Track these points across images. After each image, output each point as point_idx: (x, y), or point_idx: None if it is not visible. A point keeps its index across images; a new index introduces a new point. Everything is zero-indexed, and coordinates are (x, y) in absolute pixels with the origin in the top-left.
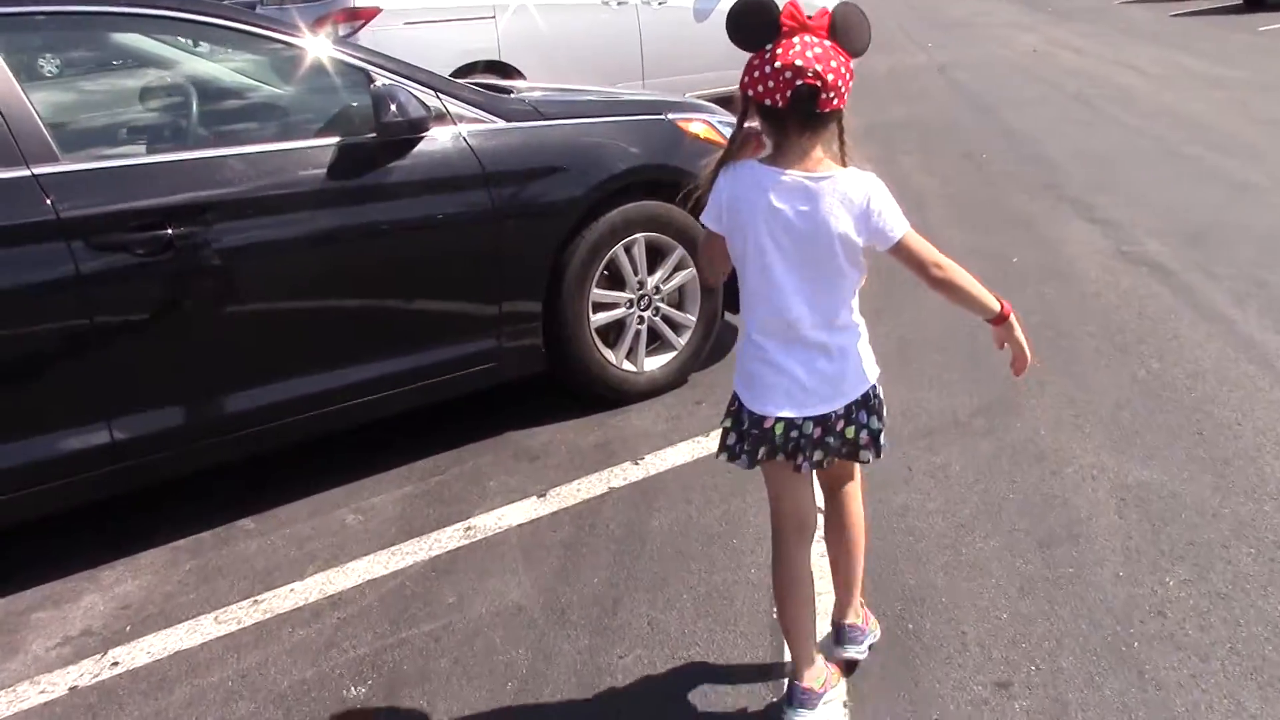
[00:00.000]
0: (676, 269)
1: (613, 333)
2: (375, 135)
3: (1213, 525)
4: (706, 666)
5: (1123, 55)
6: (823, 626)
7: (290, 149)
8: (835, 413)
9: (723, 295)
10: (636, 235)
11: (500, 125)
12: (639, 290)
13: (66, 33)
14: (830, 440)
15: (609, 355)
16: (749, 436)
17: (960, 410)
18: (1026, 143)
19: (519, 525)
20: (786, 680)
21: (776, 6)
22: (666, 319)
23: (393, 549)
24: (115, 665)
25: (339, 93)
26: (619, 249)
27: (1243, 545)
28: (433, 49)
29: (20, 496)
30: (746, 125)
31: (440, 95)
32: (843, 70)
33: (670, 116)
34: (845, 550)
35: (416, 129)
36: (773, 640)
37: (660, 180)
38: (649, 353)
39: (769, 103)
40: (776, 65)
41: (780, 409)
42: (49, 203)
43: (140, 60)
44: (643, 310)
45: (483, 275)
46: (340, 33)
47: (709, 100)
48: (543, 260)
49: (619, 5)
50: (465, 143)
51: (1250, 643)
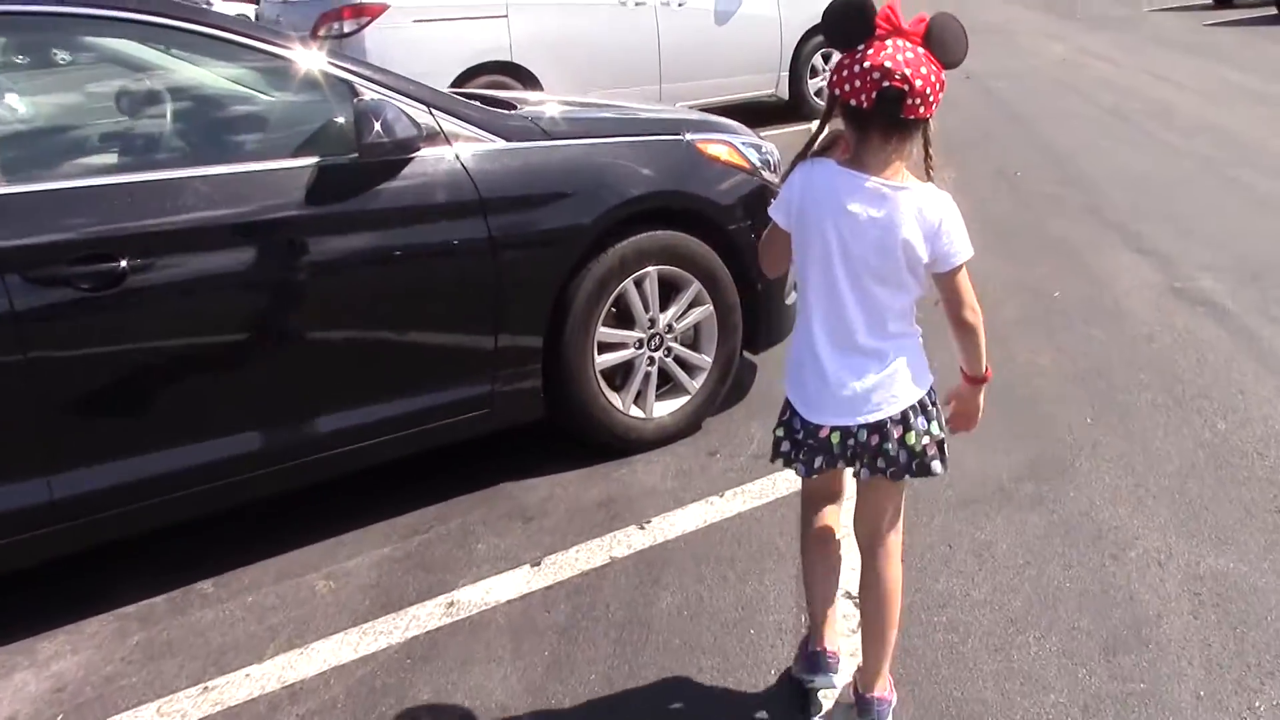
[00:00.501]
0: (691, 305)
1: (620, 375)
2: (357, 156)
3: None
4: None
5: (1157, 67)
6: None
7: (261, 170)
8: (891, 419)
9: (741, 334)
10: (648, 268)
11: (500, 145)
12: (649, 329)
13: (6, 36)
14: (889, 448)
15: (615, 400)
16: (805, 446)
17: (1004, 473)
18: (1063, 160)
19: (508, 602)
20: (800, 648)
21: (874, 7)
22: (679, 360)
23: (365, 627)
24: None
25: (320, 107)
26: (629, 283)
27: None
28: (442, 48)
29: None
30: (830, 129)
31: (433, 111)
32: (933, 79)
33: (689, 137)
34: (879, 612)
35: (404, 149)
36: None
37: (676, 208)
38: (659, 396)
39: (854, 103)
40: (865, 65)
41: (835, 418)
42: None
43: (93, 68)
44: (653, 350)
45: (476, 312)
46: (345, 29)
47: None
48: (544, 296)
49: (636, 5)
50: (460, 165)
51: None
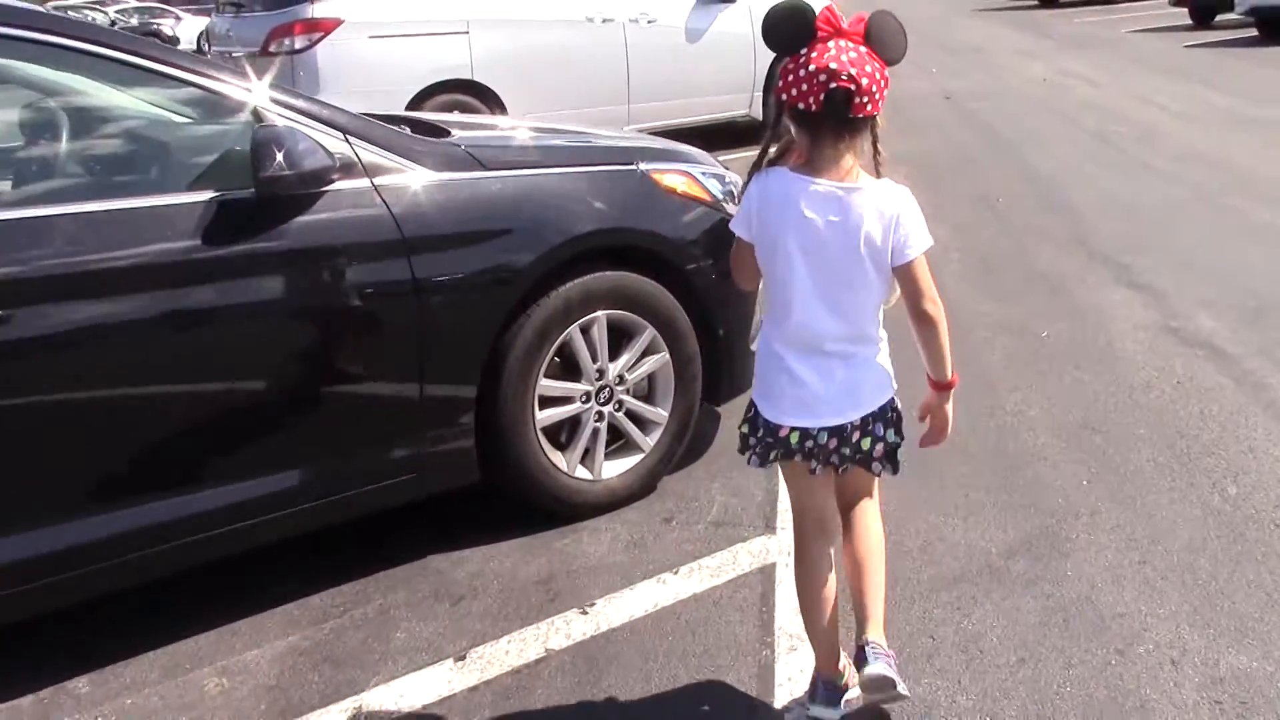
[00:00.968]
0: (645, 354)
1: (565, 432)
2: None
3: None
4: None
5: (1141, 88)
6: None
7: (144, 208)
8: (851, 424)
9: (701, 384)
10: (597, 313)
11: (428, 177)
12: (598, 380)
13: None
14: (845, 450)
15: (559, 460)
16: (763, 443)
17: (994, 547)
18: (1047, 186)
19: (424, 708)
20: (811, 680)
21: (813, 11)
22: (632, 414)
23: None
24: None
25: (222, 134)
26: (574, 330)
27: None
28: (399, 66)
29: None
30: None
31: (350, 139)
32: (877, 76)
33: (643, 167)
34: (865, 577)
35: (312, 183)
36: None
37: (627, 246)
38: (609, 455)
39: (802, 106)
40: (811, 69)
41: (796, 419)
42: None
43: None
44: (602, 404)
45: (398, 366)
46: (297, 45)
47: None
48: (477, 346)
49: (604, 22)
50: (380, 200)
51: None
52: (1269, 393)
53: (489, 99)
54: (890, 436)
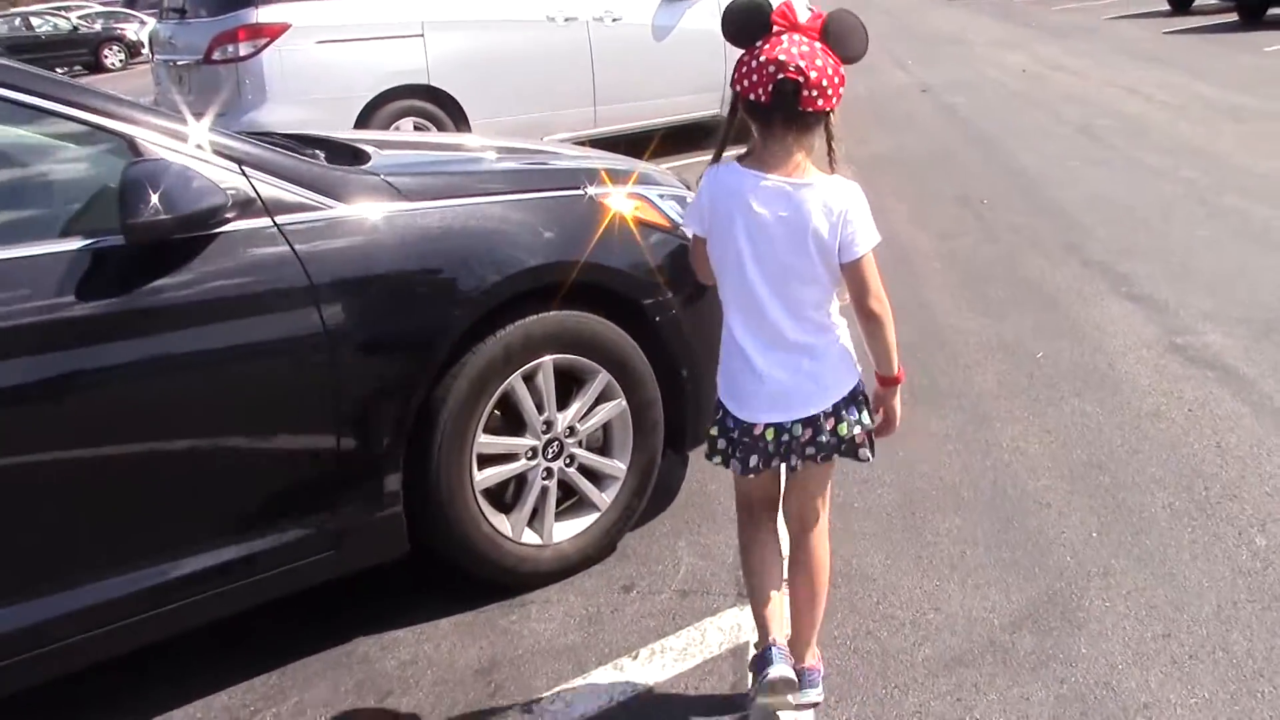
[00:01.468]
0: (599, 401)
1: (511, 491)
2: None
3: None
4: None
5: (1123, 78)
6: None
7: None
8: (824, 412)
9: (662, 432)
10: (542, 359)
11: (340, 213)
12: (546, 434)
13: None
14: (822, 439)
15: (502, 525)
16: (740, 444)
17: (997, 618)
18: (1033, 185)
19: None
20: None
21: (770, 6)
22: (585, 469)
23: None
24: None
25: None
26: (516, 380)
27: None
28: (351, 72)
29: None
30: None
31: (247, 172)
32: (829, 71)
33: (592, 191)
34: (809, 595)
35: (198, 226)
36: None
37: (576, 281)
38: (561, 515)
39: (753, 97)
40: (761, 60)
41: (770, 415)
42: None
43: None
44: (551, 460)
45: (310, 429)
46: (242, 52)
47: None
48: (403, 404)
49: (566, 21)
50: (284, 241)
51: None
52: None
53: (447, 105)
54: (865, 419)
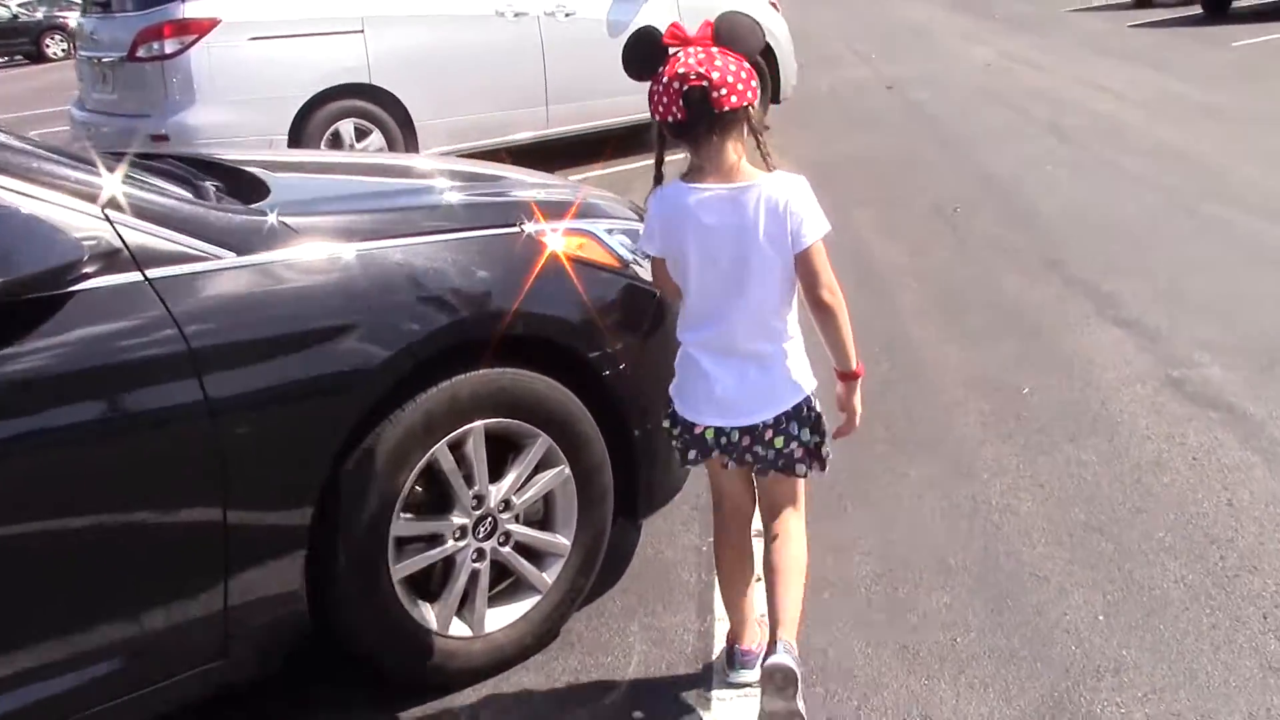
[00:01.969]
0: (539, 469)
1: (437, 576)
2: None
3: None
4: None
5: (1090, 74)
6: None
7: None
8: (764, 423)
9: (612, 500)
10: (471, 424)
11: (224, 262)
12: (476, 510)
13: None
14: (759, 450)
15: (426, 616)
16: (681, 439)
17: None
18: (1006, 192)
19: None
20: (724, 647)
21: (658, 32)
22: (522, 547)
23: None
24: None
25: None
26: (441, 449)
27: None
28: (286, 71)
29: None
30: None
31: (112, 216)
32: (732, 68)
33: (529, 229)
34: (781, 586)
35: (40, 287)
36: None
37: (510, 334)
38: (495, 599)
39: (671, 119)
40: (665, 80)
41: (711, 419)
42: None
43: None
44: (482, 540)
45: (190, 518)
46: (167, 50)
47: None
48: (304, 484)
49: (516, 17)
50: (156, 299)
51: None
52: None
53: (390, 105)
54: (806, 436)
